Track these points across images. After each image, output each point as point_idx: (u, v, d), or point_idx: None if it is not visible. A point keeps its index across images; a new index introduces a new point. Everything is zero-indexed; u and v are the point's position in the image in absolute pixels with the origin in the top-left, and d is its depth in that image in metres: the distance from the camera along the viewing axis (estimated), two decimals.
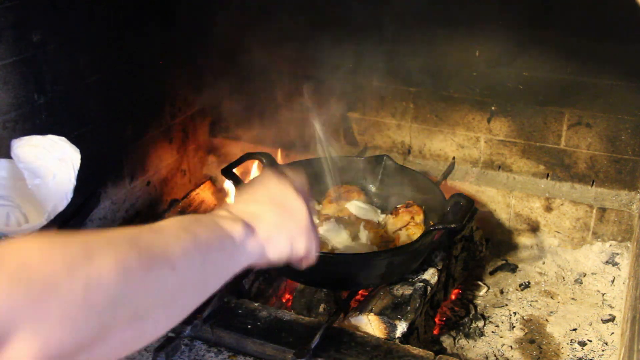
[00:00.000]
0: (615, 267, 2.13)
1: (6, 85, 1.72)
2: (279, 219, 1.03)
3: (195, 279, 0.82)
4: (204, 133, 2.64)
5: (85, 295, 0.65)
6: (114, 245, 0.72)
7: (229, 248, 0.92)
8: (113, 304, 0.68)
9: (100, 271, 0.68)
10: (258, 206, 1.03)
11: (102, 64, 2.04)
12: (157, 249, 0.77)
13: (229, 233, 0.92)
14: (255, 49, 2.34)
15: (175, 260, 0.78)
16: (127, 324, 0.70)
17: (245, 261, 0.95)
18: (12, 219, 1.23)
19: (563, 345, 1.87)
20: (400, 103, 2.39)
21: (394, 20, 2.21)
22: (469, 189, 2.30)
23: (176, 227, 0.84)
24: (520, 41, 2.12)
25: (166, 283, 0.76)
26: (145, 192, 2.33)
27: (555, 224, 2.24)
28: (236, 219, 0.96)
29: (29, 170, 1.21)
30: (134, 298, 0.71)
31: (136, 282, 0.71)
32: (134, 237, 0.76)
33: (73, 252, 0.68)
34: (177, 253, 0.79)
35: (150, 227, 0.82)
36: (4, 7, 1.67)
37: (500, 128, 2.27)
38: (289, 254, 1.05)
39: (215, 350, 1.63)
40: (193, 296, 0.83)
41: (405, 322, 1.65)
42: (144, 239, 0.77)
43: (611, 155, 2.15)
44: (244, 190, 1.11)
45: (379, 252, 1.74)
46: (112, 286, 0.68)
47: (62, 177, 1.22)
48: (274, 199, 1.06)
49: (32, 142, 1.23)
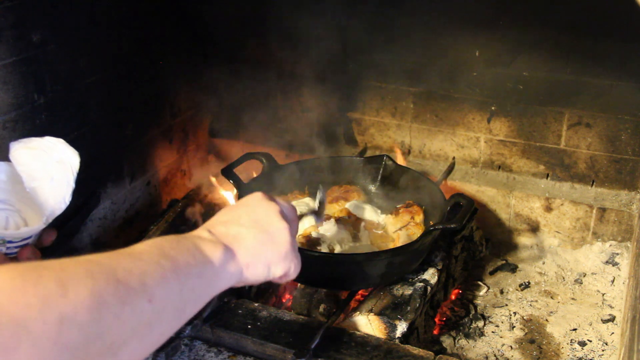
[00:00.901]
0: (615, 267, 2.13)
1: (6, 85, 1.72)
2: (259, 244, 1.03)
3: (173, 308, 0.80)
4: (204, 133, 2.64)
5: (59, 334, 0.63)
6: (90, 277, 0.69)
7: (209, 274, 0.90)
8: (87, 340, 0.66)
9: (76, 307, 0.65)
10: (240, 229, 1.02)
11: (102, 64, 2.04)
12: (134, 279, 0.74)
13: (209, 258, 0.91)
14: (256, 48, 2.35)
15: (153, 290, 0.76)
16: (101, 357, 0.68)
17: (223, 286, 0.95)
18: (11, 222, 1.22)
19: (563, 345, 1.87)
20: (400, 103, 2.39)
21: (394, 20, 2.22)
22: (469, 189, 2.30)
23: (155, 253, 0.82)
24: (520, 41, 2.12)
25: (143, 314, 0.74)
26: (145, 192, 2.33)
27: (555, 224, 2.24)
28: (217, 243, 0.95)
29: (27, 173, 1.20)
30: (109, 332, 0.69)
31: (112, 316, 0.69)
32: (111, 266, 0.74)
33: (47, 287, 0.65)
34: (155, 283, 0.77)
35: (129, 252, 0.79)
36: (4, 7, 1.67)
37: (500, 128, 2.27)
38: (265, 277, 1.05)
39: (215, 350, 1.63)
40: (169, 324, 0.81)
41: (405, 322, 1.65)
42: (121, 267, 0.75)
43: (611, 155, 2.15)
44: (229, 210, 1.10)
45: (379, 252, 1.74)
46: (87, 322, 0.66)
47: (60, 180, 1.21)
48: (257, 222, 1.05)
49: (30, 145, 1.22)
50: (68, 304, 0.65)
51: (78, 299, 0.66)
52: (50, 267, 0.68)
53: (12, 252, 1.17)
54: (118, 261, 0.76)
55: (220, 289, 0.94)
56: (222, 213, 1.09)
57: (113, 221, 2.18)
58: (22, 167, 1.21)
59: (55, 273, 0.67)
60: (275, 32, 2.26)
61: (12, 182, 1.22)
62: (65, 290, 0.66)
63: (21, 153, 1.21)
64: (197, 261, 0.89)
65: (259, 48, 2.40)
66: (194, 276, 0.86)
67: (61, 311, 0.64)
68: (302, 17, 2.11)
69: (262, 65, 2.42)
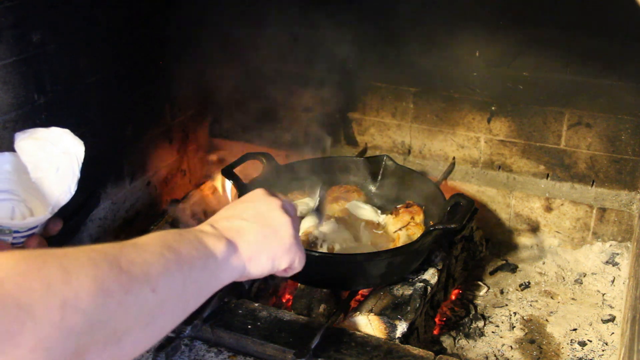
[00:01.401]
0: (615, 267, 2.13)
1: (6, 85, 1.72)
2: (262, 237, 1.03)
3: (176, 299, 0.81)
4: (204, 133, 2.64)
5: (62, 318, 0.64)
6: (93, 264, 0.70)
7: (212, 267, 0.91)
8: (91, 326, 0.66)
9: (79, 293, 0.66)
10: (242, 223, 1.03)
11: (102, 64, 2.03)
12: (137, 269, 0.75)
13: (212, 251, 0.91)
14: (256, 48, 2.34)
15: (156, 280, 0.76)
16: (104, 345, 0.69)
17: (227, 279, 0.95)
18: (17, 212, 1.23)
19: (563, 346, 1.87)
20: (400, 103, 2.39)
21: (394, 20, 2.22)
22: (469, 189, 2.30)
23: (159, 244, 0.82)
24: (520, 41, 2.12)
25: (146, 304, 0.74)
26: (145, 192, 2.33)
27: (555, 224, 2.24)
28: (220, 237, 0.96)
29: (32, 163, 1.21)
30: (112, 319, 0.69)
31: (115, 304, 0.70)
32: (114, 255, 0.74)
33: (50, 273, 0.65)
34: (158, 273, 0.77)
35: (133, 243, 0.80)
36: (4, 7, 1.67)
37: (500, 128, 2.27)
38: (270, 270, 1.06)
39: (215, 350, 1.63)
40: (173, 316, 0.82)
41: (405, 322, 1.65)
42: (125, 257, 0.75)
43: (611, 156, 2.15)
44: (231, 206, 1.10)
45: (379, 252, 1.74)
46: (90, 308, 0.66)
47: (65, 170, 1.22)
48: (259, 216, 1.06)
49: (36, 135, 1.23)
50: (71, 289, 0.66)
51: (81, 285, 0.67)
52: (53, 254, 0.69)
53: (18, 242, 1.18)
54: (121, 251, 0.76)
55: (223, 282, 0.95)
56: (225, 209, 1.10)
57: (113, 221, 2.18)
58: (28, 157, 1.22)
59: (59, 260, 0.68)
60: (275, 32, 2.26)
61: (17, 172, 1.22)
62: (69, 276, 0.66)
63: (27, 143, 1.22)
64: (200, 254, 0.89)
65: (260, 48, 2.40)
66: (197, 268, 0.86)
67: (64, 296, 0.65)
68: (303, 17, 2.11)
69: (262, 65, 2.42)
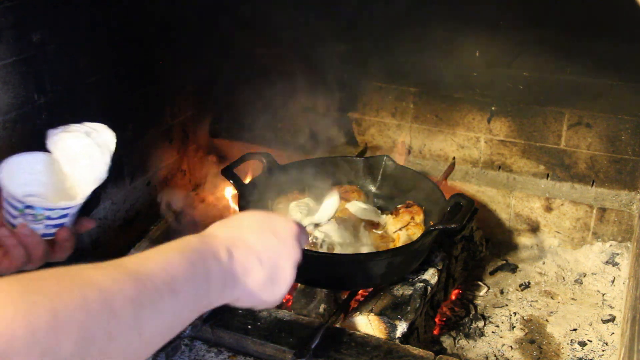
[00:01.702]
0: (615, 267, 2.13)
1: (6, 85, 1.72)
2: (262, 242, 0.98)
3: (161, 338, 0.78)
4: (204, 133, 2.64)
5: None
6: (84, 309, 0.67)
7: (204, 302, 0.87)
8: None
9: (62, 342, 0.63)
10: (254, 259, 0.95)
11: (102, 64, 2.04)
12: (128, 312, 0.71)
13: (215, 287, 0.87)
14: (255, 49, 2.34)
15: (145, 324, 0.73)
16: None
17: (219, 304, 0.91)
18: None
19: (563, 346, 1.87)
20: (400, 103, 2.39)
21: (394, 19, 2.22)
22: (469, 189, 2.30)
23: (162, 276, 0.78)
24: (520, 41, 2.12)
25: (130, 347, 0.72)
26: (145, 192, 2.32)
27: (555, 224, 2.24)
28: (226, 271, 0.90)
29: (66, 156, 1.25)
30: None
31: (97, 352, 0.67)
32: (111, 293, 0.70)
33: (38, 318, 0.62)
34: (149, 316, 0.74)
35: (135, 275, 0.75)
36: (4, 7, 1.67)
37: (500, 128, 2.27)
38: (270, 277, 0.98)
39: (215, 350, 1.63)
40: (156, 347, 0.78)
41: (405, 322, 1.65)
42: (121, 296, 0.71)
43: (611, 156, 2.15)
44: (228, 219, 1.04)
45: (379, 252, 1.74)
46: (69, 357, 0.64)
47: (97, 159, 1.27)
48: (258, 223, 1.01)
49: (69, 129, 1.27)
50: (55, 339, 0.63)
51: (66, 334, 0.64)
52: (47, 290, 0.66)
53: (49, 233, 1.19)
54: (121, 286, 0.72)
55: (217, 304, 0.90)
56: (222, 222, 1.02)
57: (113, 221, 2.18)
58: (61, 151, 1.24)
59: (50, 301, 0.64)
60: (275, 32, 2.26)
61: (48, 172, 1.25)
62: (56, 323, 0.63)
63: (60, 137, 1.25)
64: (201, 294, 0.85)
65: (260, 48, 2.40)
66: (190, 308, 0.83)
67: (47, 346, 0.62)
68: (303, 17, 2.11)
69: (262, 66, 2.41)
